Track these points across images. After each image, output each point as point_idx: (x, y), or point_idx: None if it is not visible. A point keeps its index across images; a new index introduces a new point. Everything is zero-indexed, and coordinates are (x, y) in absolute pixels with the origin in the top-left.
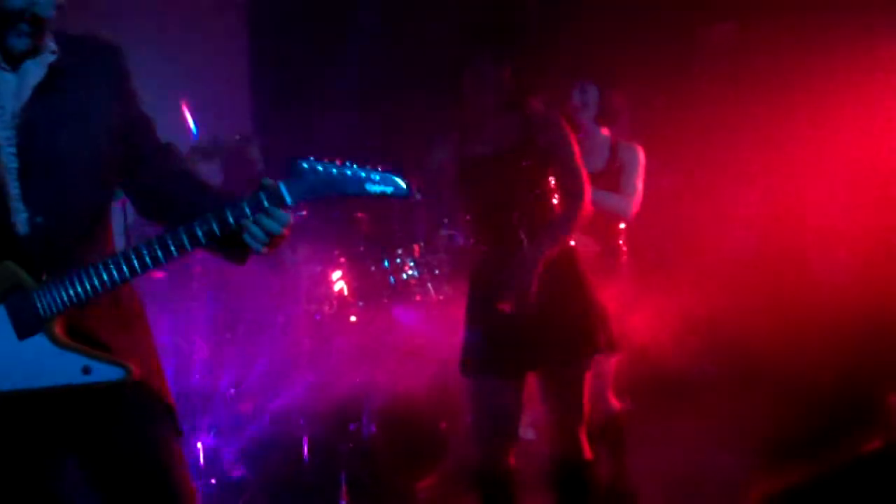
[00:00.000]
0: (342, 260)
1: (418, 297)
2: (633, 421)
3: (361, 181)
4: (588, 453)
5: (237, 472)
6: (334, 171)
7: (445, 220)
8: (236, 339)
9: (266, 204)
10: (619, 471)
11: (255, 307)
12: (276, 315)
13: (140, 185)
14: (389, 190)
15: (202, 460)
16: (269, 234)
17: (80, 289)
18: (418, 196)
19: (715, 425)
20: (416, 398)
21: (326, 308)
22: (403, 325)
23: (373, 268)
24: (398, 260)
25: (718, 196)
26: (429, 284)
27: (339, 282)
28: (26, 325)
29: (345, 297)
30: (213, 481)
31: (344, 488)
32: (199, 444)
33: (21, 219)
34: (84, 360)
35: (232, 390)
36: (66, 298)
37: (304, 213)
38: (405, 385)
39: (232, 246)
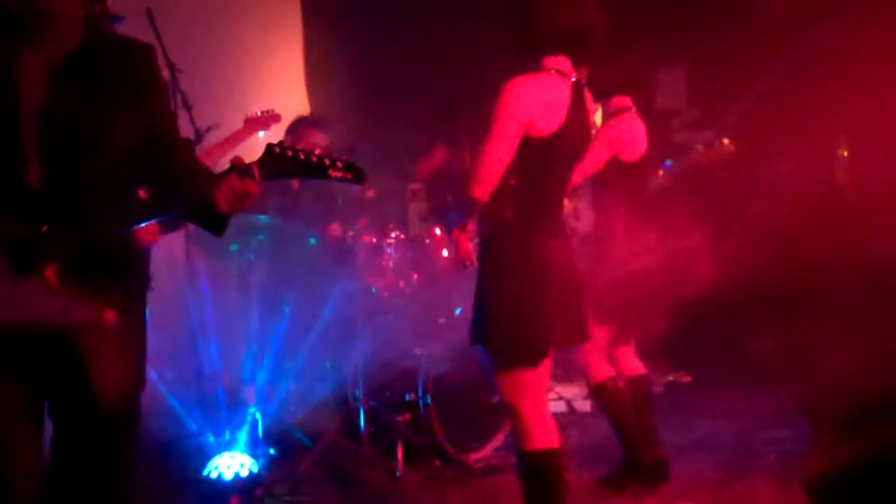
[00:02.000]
0: (396, 232)
1: (473, 270)
2: (689, 392)
3: (324, 168)
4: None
5: (296, 443)
6: (301, 157)
7: None
8: (292, 312)
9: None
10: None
11: (311, 280)
12: (332, 288)
13: (154, 169)
14: (348, 178)
15: (261, 431)
16: (236, 194)
17: (73, 242)
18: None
19: (773, 397)
20: (472, 370)
21: (381, 280)
22: (458, 296)
23: (427, 240)
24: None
25: (776, 166)
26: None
27: (393, 254)
28: (22, 268)
29: (400, 269)
30: (271, 451)
31: (400, 458)
32: (259, 415)
33: (35, 177)
34: (65, 301)
35: (289, 363)
36: (60, 250)
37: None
38: (461, 357)
39: (210, 217)
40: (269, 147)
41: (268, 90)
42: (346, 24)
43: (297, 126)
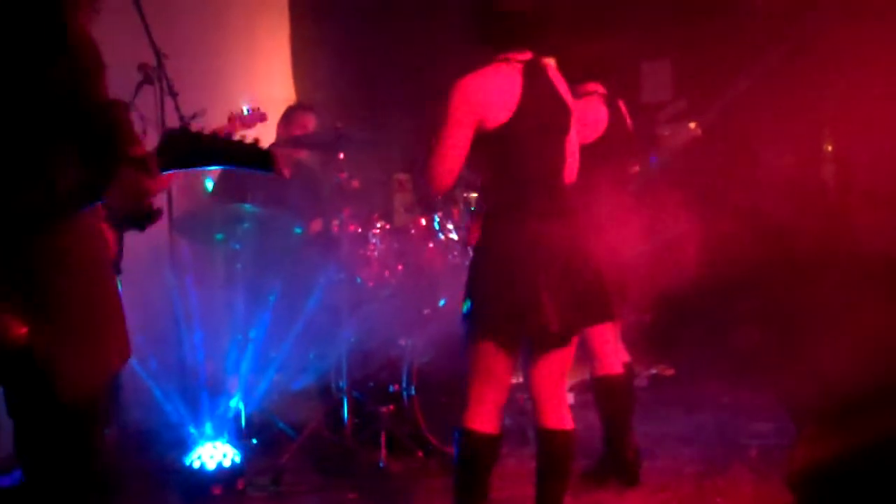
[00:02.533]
0: (382, 223)
1: (458, 261)
2: (672, 385)
3: (229, 155)
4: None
5: (278, 434)
6: (205, 142)
7: None
8: (276, 301)
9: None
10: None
11: (297, 270)
12: (317, 278)
13: (69, 144)
14: (255, 166)
15: (244, 421)
16: (126, 194)
17: None
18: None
19: (756, 390)
20: (456, 361)
21: (366, 271)
22: (443, 287)
23: (412, 230)
24: (437, 223)
25: (762, 158)
26: (469, 248)
27: (378, 244)
28: None
29: (385, 260)
30: (254, 441)
31: (384, 449)
32: (241, 405)
33: None
34: None
35: (272, 353)
36: None
37: (344, 175)
38: (445, 348)
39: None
40: (169, 133)
41: (254, 77)
42: (333, 11)
43: (291, 112)
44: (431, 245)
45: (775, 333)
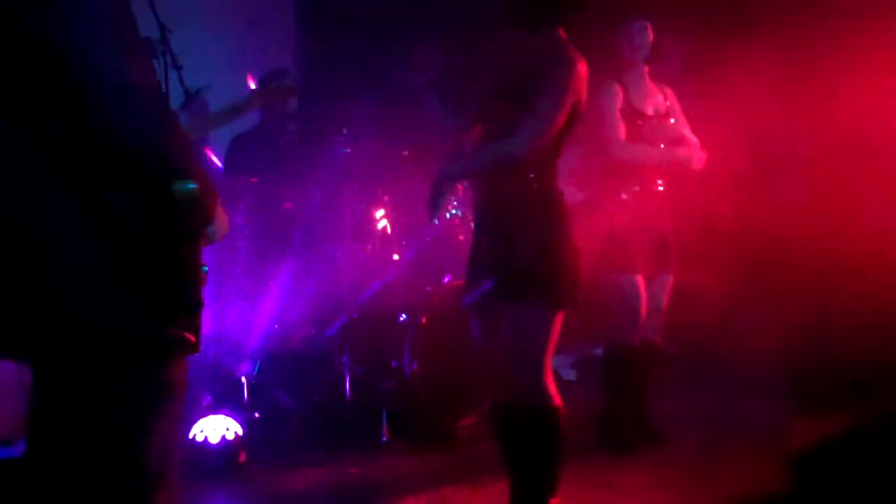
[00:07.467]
0: (386, 198)
1: (461, 237)
2: (674, 362)
3: None
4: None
5: (280, 408)
6: None
7: None
8: (279, 275)
9: None
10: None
11: (299, 244)
12: (319, 253)
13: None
14: None
15: (246, 395)
16: None
17: None
18: None
19: (755, 369)
20: (458, 337)
21: (370, 246)
22: (447, 264)
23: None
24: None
25: (770, 151)
26: (472, 224)
27: (382, 220)
28: None
29: (388, 236)
30: (256, 415)
31: (385, 425)
32: (244, 379)
33: None
34: None
35: (275, 326)
36: None
37: (349, 150)
38: (447, 324)
39: None
40: None
41: (258, 48)
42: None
43: (271, 79)
44: (436, 222)
45: (777, 310)
